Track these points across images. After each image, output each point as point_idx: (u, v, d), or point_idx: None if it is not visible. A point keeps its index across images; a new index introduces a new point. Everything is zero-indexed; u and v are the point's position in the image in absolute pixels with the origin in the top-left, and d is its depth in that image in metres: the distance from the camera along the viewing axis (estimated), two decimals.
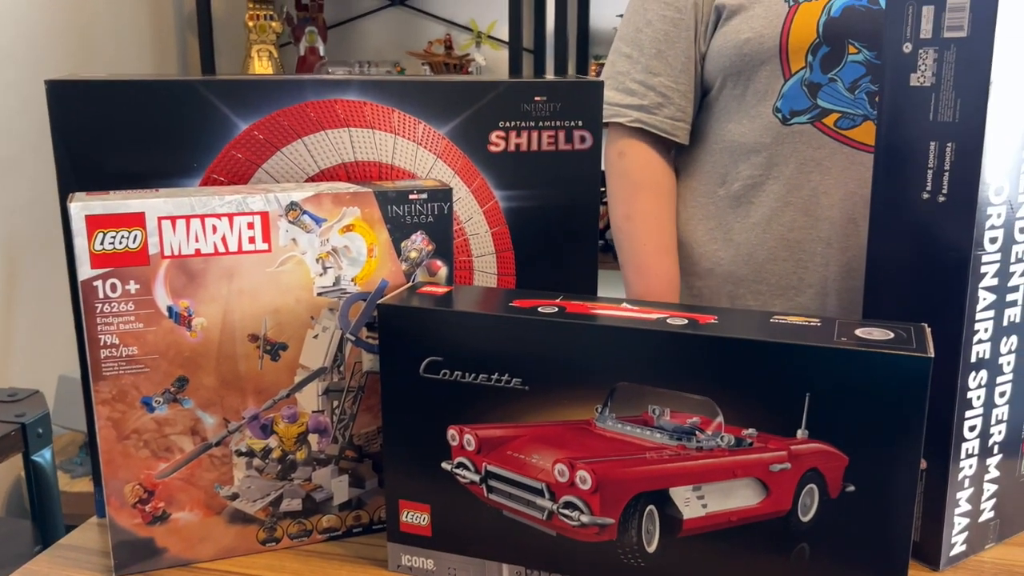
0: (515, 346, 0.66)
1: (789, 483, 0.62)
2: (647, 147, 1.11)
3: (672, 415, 0.64)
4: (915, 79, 0.65)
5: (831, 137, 0.99)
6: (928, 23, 0.64)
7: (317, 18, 2.81)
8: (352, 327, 0.76)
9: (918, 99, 0.66)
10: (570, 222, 0.90)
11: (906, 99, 0.66)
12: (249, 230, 0.71)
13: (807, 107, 0.99)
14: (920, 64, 0.65)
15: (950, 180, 0.64)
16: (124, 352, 0.70)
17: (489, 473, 0.70)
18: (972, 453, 0.70)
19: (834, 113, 0.99)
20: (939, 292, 0.66)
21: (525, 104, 0.86)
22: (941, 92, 0.64)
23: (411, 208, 0.76)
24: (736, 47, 1.01)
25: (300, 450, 0.78)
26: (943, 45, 0.63)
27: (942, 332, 0.66)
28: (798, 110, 1.00)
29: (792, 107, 1.00)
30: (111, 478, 0.73)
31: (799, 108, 1.00)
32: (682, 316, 0.65)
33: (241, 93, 0.79)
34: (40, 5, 2.29)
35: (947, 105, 0.64)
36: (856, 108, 0.98)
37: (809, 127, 1.00)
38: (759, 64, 1.00)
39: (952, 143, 0.64)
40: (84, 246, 0.67)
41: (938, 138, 0.65)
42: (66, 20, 2.38)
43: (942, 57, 0.64)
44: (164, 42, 2.82)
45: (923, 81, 0.65)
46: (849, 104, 0.98)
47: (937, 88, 0.64)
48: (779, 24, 0.98)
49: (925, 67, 0.65)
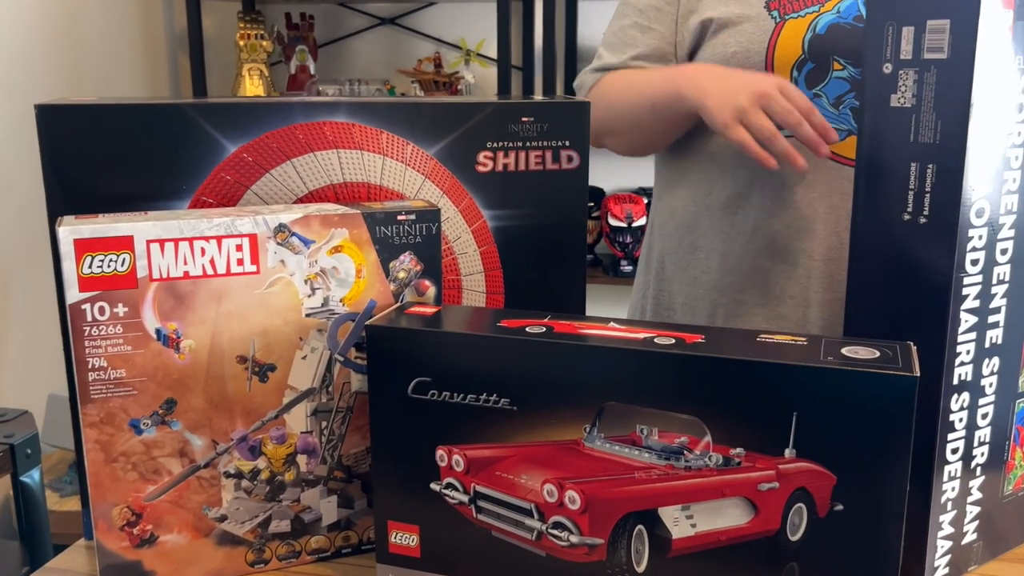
0: (503, 366, 0.67)
1: (777, 502, 0.62)
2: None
3: (660, 435, 0.64)
4: (895, 99, 0.66)
5: None
6: (908, 44, 0.65)
7: (308, 37, 2.82)
8: (340, 348, 0.77)
9: (899, 120, 0.66)
10: (558, 241, 0.91)
11: (887, 119, 0.67)
12: (238, 252, 0.71)
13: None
14: (900, 85, 0.66)
15: (931, 202, 0.65)
16: (112, 375, 0.70)
17: (478, 493, 0.70)
18: (955, 476, 0.70)
19: None
20: (920, 314, 0.67)
21: (512, 125, 0.87)
22: (922, 113, 0.65)
23: (399, 229, 0.76)
24: (723, 61, 1.02)
25: (289, 471, 0.78)
26: (923, 66, 0.64)
27: (924, 354, 0.66)
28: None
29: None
30: (99, 501, 0.73)
31: None
32: (669, 335, 0.65)
33: (230, 116, 0.79)
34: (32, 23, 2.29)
35: (928, 126, 0.65)
36: (841, 123, 1.00)
37: (794, 141, 1.01)
38: None
39: (933, 164, 0.65)
40: (72, 269, 0.67)
41: (919, 159, 0.65)
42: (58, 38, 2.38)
43: (922, 78, 0.64)
44: (156, 61, 2.83)
45: (904, 102, 0.66)
46: (834, 119, 0.99)
47: (918, 109, 0.65)
48: (766, 39, 1.00)
49: (906, 88, 0.65)
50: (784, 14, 1.01)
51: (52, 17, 2.36)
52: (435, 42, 2.85)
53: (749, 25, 1.01)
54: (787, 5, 1.01)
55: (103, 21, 2.56)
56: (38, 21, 2.31)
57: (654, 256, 1.19)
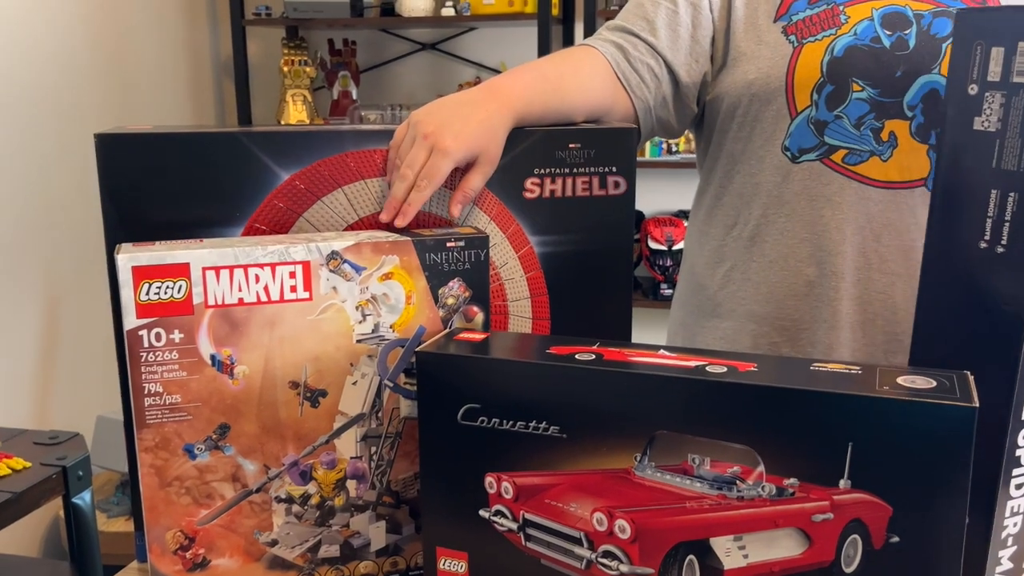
0: (553, 394, 0.67)
1: (832, 533, 0.61)
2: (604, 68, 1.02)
3: (712, 464, 0.63)
4: (979, 123, 0.65)
5: (840, 173, 1.00)
6: (997, 65, 0.63)
7: (350, 63, 2.87)
8: (390, 373, 0.77)
9: (981, 144, 0.65)
10: (604, 267, 0.91)
11: (968, 142, 0.65)
12: (291, 279, 0.73)
13: (815, 144, 1.01)
14: (986, 108, 0.64)
15: (1011, 231, 0.63)
16: (168, 400, 0.72)
17: (527, 521, 0.70)
18: (1017, 511, 0.68)
19: (841, 149, 1.00)
20: (991, 345, 0.65)
21: (559, 151, 0.87)
22: (1007, 139, 0.63)
23: (448, 255, 0.77)
24: (744, 87, 1.03)
25: (338, 496, 0.78)
26: (1011, 90, 0.62)
27: (992, 386, 0.65)
28: (806, 148, 1.01)
29: (800, 145, 1.01)
30: (153, 525, 0.74)
31: (807, 146, 1.01)
32: (721, 364, 0.65)
33: (282, 144, 0.81)
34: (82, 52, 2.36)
35: (1012, 153, 0.63)
36: (862, 144, 1.00)
37: (818, 163, 1.01)
38: (765, 103, 1.02)
39: (1015, 193, 0.63)
40: (130, 296, 0.69)
41: (1001, 186, 0.64)
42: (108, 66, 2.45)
43: (1010, 102, 0.63)
44: (201, 87, 2.89)
45: (987, 126, 0.64)
46: (855, 140, 0.99)
47: (1003, 134, 0.63)
48: (784, 64, 1.00)
49: (991, 111, 0.64)
50: (802, 38, 1.01)
51: (101, 45, 2.43)
52: (476, 67, 2.88)
53: (767, 51, 1.01)
54: (804, 29, 1.01)
55: (151, 48, 2.63)
56: (88, 49, 2.38)
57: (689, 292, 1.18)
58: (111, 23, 2.45)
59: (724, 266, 1.12)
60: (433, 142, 0.80)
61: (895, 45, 1.00)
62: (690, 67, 1.05)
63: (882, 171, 1.00)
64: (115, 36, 2.47)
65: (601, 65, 1.01)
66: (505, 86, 0.89)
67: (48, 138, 2.22)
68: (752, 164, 1.06)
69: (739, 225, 1.09)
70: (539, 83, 0.92)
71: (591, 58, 1.02)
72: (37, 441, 1.35)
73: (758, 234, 1.07)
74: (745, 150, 1.07)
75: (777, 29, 1.03)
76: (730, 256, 1.11)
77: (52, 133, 2.24)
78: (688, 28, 1.05)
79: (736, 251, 1.10)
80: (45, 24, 2.23)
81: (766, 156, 1.05)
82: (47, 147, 2.22)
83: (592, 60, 1.02)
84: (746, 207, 1.08)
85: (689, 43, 1.05)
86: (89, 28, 2.37)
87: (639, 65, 1.02)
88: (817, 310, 1.05)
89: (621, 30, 1.06)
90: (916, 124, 0.99)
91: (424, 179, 0.80)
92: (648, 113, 1.04)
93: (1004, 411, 0.65)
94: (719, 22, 1.06)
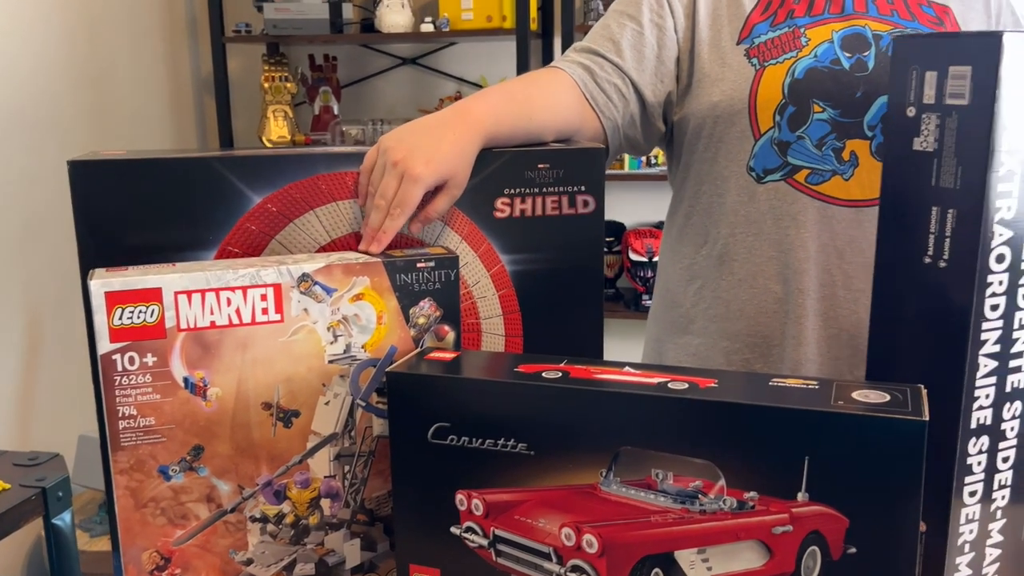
0: (520, 411, 0.68)
1: (791, 545, 0.62)
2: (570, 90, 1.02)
3: (675, 479, 0.65)
4: (918, 143, 0.67)
5: (803, 192, 1.03)
6: (931, 88, 0.66)
7: (331, 78, 2.89)
8: (362, 393, 0.78)
9: (921, 163, 0.67)
10: (575, 283, 0.92)
11: (909, 163, 0.68)
12: (262, 302, 0.74)
13: (779, 165, 1.03)
14: (923, 129, 0.67)
15: (951, 246, 0.66)
16: (142, 423, 0.73)
17: (497, 537, 0.71)
18: (973, 518, 0.70)
19: (804, 169, 1.02)
20: (939, 357, 0.67)
21: (529, 171, 0.89)
22: (943, 158, 0.66)
23: (419, 276, 0.78)
24: (708, 108, 1.05)
25: (313, 515, 0.79)
26: (945, 111, 0.65)
27: (942, 397, 0.67)
28: (771, 168, 1.04)
29: (765, 165, 1.04)
30: (129, 546, 0.75)
31: (771, 166, 1.04)
32: (683, 380, 0.67)
33: (254, 168, 0.82)
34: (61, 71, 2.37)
35: (949, 171, 0.65)
36: (824, 164, 1.02)
37: (783, 183, 1.03)
38: (730, 125, 1.04)
39: (953, 210, 0.65)
40: (103, 321, 0.70)
41: (940, 203, 0.66)
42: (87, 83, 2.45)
43: (944, 123, 0.65)
44: (182, 104, 2.90)
45: (926, 146, 0.67)
46: (818, 160, 1.02)
47: (939, 154, 0.66)
48: (747, 87, 1.03)
49: (928, 132, 0.66)
50: (763, 61, 1.03)
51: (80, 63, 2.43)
52: (457, 81, 2.90)
53: (731, 73, 1.04)
54: (766, 52, 1.04)
55: (130, 66, 2.63)
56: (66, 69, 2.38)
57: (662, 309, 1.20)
58: (90, 40, 2.46)
59: (695, 284, 1.14)
60: (403, 169, 0.82)
61: (855, 67, 1.02)
62: (655, 87, 1.07)
63: (844, 190, 1.02)
64: (95, 54, 2.48)
65: (569, 86, 1.03)
66: (473, 108, 0.91)
67: (27, 157, 2.23)
68: (719, 184, 1.08)
69: (708, 244, 1.11)
70: (507, 105, 0.94)
71: (559, 80, 1.04)
72: (16, 463, 1.35)
73: (727, 252, 1.09)
74: (712, 170, 1.09)
75: (740, 52, 1.05)
76: (701, 274, 1.13)
77: (31, 152, 2.24)
78: (653, 49, 1.07)
79: (706, 269, 1.12)
80: (23, 42, 2.23)
81: (732, 176, 1.07)
82: (26, 166, 2.22)
83: (560, 81, 1.04)
84: (714, 226, 1.10)
85: (655, 64, 1.07)
86: (68, 46, 2.38)
87: (606, 85, 1.04)
88: (785, 327, 1.07)
89: (588, 51, 1.08)
90: (876, 143, 1.02)
91: (397, 208, 0.81)
92: (616, 132, 1.06)
93: (953, 422, 0.67)
94: (683, 43, 1.08)
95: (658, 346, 1.22)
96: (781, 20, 1.06)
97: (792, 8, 1.06)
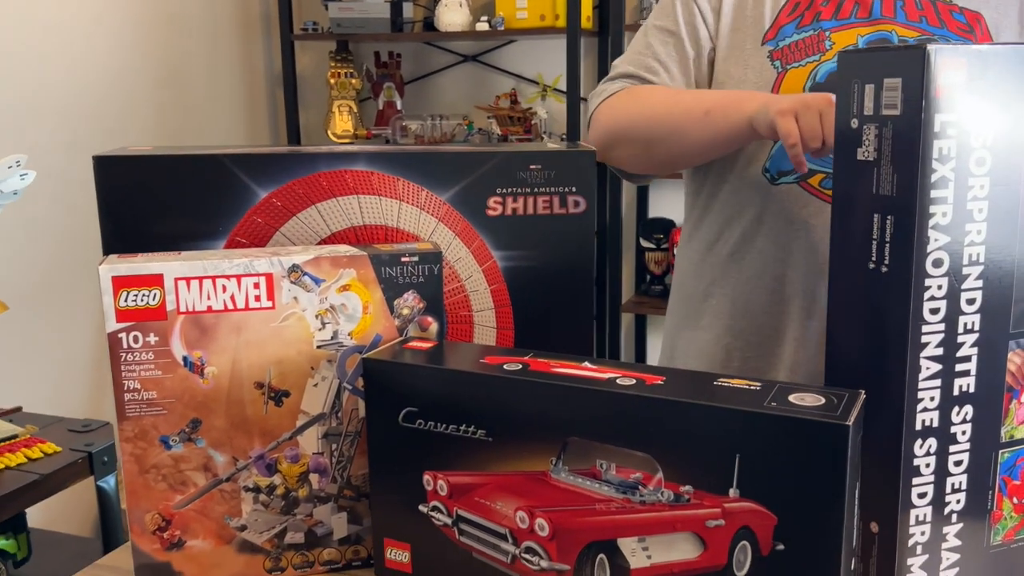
0: (479, 400, 0.72)
1: (724, 539, 0.65)
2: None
3: (618, 470, 0.68)
4: (861, 153, 0.69)
5: (816, 196, 1.03)
6: (870, 100, 0.68)
7: (395, 74, 2.97)
8: (349, 377, 0.84)
9: (864, 172, 0.69)
10: (565, 280, 0.96)
11: (853, 172, 0.70)
12: (255, 289, 0.80)
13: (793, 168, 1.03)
14: (864, 139, 0.68)
15: (890, 252, 0.67)
16: (145, 396, 0.80)
17: (460, 517, 0.76)
18: (924, 520, 0.71)
19: (819, 173, 1.02)
20: (883, 360, 0.69)
21: (521, 172, 0.93)
22: (881, 166, 0.67)
23: (403, 269, 0.83)
24: None
25: (302, 488, 0.85)
26: (882, 122, 0.67)
27: (887, 400, 0.68)
28: (785, 171, 1.04)
29: (780, 168, 1.04)
30: (134, 507, 0.82)
31: (786, 169, 1.04)
32: (632, 376, 0.70)
33: (261, 165, 0.88)
34: (141, 69, 2.51)
35: (887, 179, 0.67)
36: None
37: (796, 187, 1.04)
38: None
39: (891, 216, 0.67)
40: (111, 303, 0.77)
41: (880, 210, 0.68)
42: (166, 76, 2.59)
43: (882, 133, 0.67)
44: (255, 99, 3.03)
45: (867, 156, 0.68)
46: (832, 165, 1.02)
47: (879, 163, 0.68)
48: (768, 89, 1.03)
49: (868, 142, 0.68)
50: (786, 64, 1.04)
51: (159, 61, 2.57)
52: (515, 78, 2.94)
53: (753, 75, 1.05)
54: (789, 55, 1.04)
55: (207, 63, 2.77)
56: (146, 65, 2.53)
57: (676, 302, 1.22)
58: (170, 41, 2.60)
59: (706, 280, 1.16)
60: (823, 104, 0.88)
61: None
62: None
63: None
64: (173, 52, 2.62)
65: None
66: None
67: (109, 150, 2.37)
68: (735, 184, 1.10)
69: (721, 241, 1.13)
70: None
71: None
72: (71, 428, 1.47)
73: (737, 251, 1.11)
74: (730, 170, 1.10)
75: (763, 53, 1.06)
76: (711, 271, 1.15)
77: (113, 145, 2.39)
78: (692, 57, 1.10)
79: (717, 267, 1.14)
80: (105, 41, 2.38)
81: (747, 177, 1.08)
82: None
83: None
84: (727, 225, 1.12)
85: (695, 71, 1.10)
86: (148, 44, 2.52)
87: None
88: (788, 328, 1.08)
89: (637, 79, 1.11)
90: None
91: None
92: None
93: (897, 423, 0.68)
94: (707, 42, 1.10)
95: (672, 340, 1.25)
96: (807, 23, 1.06)
97: (819, 10, 1.06)
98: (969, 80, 0.65)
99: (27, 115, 2.15)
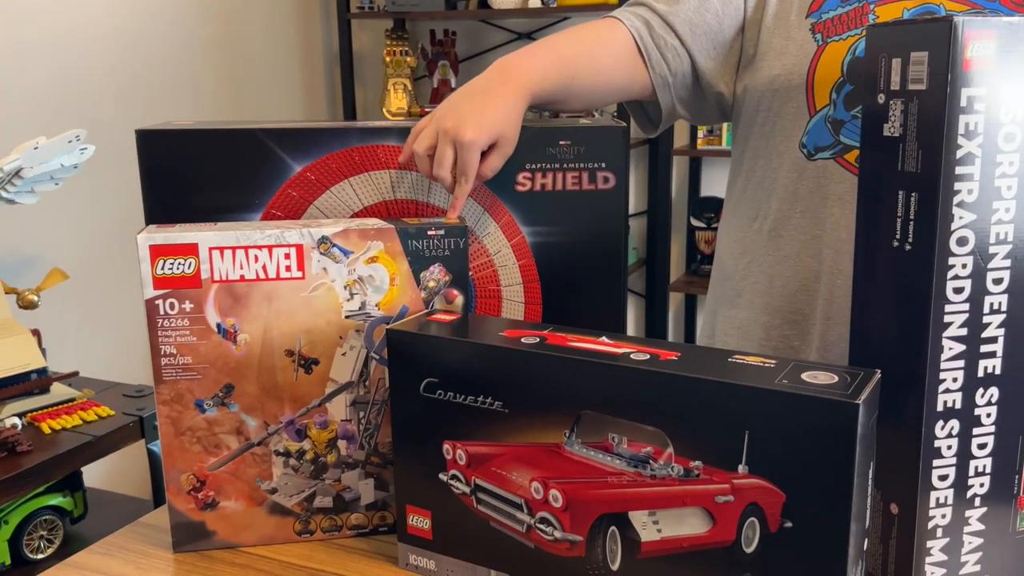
0: (497, 372, 0.73)
1: (733, 515, 0.65)
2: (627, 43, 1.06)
3: (629, 444, 0.69)
4: (887, 129, 0.68)
5: (851, 172, 1.01)
6: (897, 75, 0.66)
7: (450, 52, 2.98)
8: (376, 347, 0.86)
9: (889, 149, 0.68)
10: (595, 256, 0.96)
11: (880, 148, 0.68)
12: (286, 260, 0.82)
13: (830, 143, 1.01)
14: (891, 114, 0.67)
15: (914, 229, 0.66)
16: (180, 361, 0.83)
17: (477, 486, 0.77)
18: (945, 503, 0.70)
19: (856, 149, 1.00)
20: (905, 339, 0.68)
21: (550, 147, 0.93)
22: (907, 143, 0.66)
23: (429, 243, 0.85)
24: (768, 82, 1.04)
25: (331, 454, 0.88)
26: (908, 97, 0.65)
27: (911, 379, 0.67)
28: (822, 146, 1.02)
29: (817, 143, 1.02)
30: (170, 468, 0.86)
31: (823, 144, 1.02)
32: (646, 351, 0.70)
33: (296, 140, 0.91)
34: (202, 47, 2.57)
35: (912, 155, 0.66)
36: None
37: (832, 162, 1.02)
38: (787, 100, 1.03)
39: (916, 193, 0.66)
40: (148, 271, 0.81)
41: (905, 187, 0.67)
42: (226, 61, 2.65)
43: (907, 108, 0.66)
44: (314, 76, 3.08)
45: (893, 132, 0.67)
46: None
47: (904, 139, 0.66)
48: (807, 62, 1.01)
49: (895, 118, 0.67)
50: (827, 37, 1.01)
51: (220, 42, 2.63)
52: None
53: (793, 47, 1.03)
54: (831, 28, 1.02)
55: (267, 40, 2.82)
56: (209, 44, 2.59)
57: (716, 281, 1.21)
58: (231, 20, 2.66)
59: (745, 258, 1.14)
60: (454, 136, 0.88)
61: None
62: (709, 52, 1.07)
63: None
64: (234, 29, 2.68)
65: (623, 39, 1.05)
66: (517, 68, 0.95)
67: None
68: (772, 159, 1.08)
69: (759, 219, 1.11)
70: (553, 63, 0.97)
71: (612, 33, 1.05)
72: (126, 393, 1.53)
73: (775, 228, 1.09)
74: (767, 145, 1.09)
75: (807, 26, 1.04)
76: (751, 248, 1.13)
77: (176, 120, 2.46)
78: (717, 14, 1.07)
79: (756, 244, 1.12)
80: (168, 23, 2.44)
81: (785, 152, 1.07)
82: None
83: (613, 34, 1.05)
84: (766, 201, 1.10)
85: (716, 29, 1.07)
86: (211, 23, 2.58)
87: (661, 42, 1.06)
88: (822, 306, 1.06)
89: (647, 6, 1.09)
90: None
91: (461, 175, 0.88)
92: (667, 90, 1.07)
93: (918, 404, 0.67)
94: (752, 13, 1.08)
95: (712, 317, 1.24)
96: None
97: None
98: (999, 53, 0.63)
99: (88, 91, 2.23)
